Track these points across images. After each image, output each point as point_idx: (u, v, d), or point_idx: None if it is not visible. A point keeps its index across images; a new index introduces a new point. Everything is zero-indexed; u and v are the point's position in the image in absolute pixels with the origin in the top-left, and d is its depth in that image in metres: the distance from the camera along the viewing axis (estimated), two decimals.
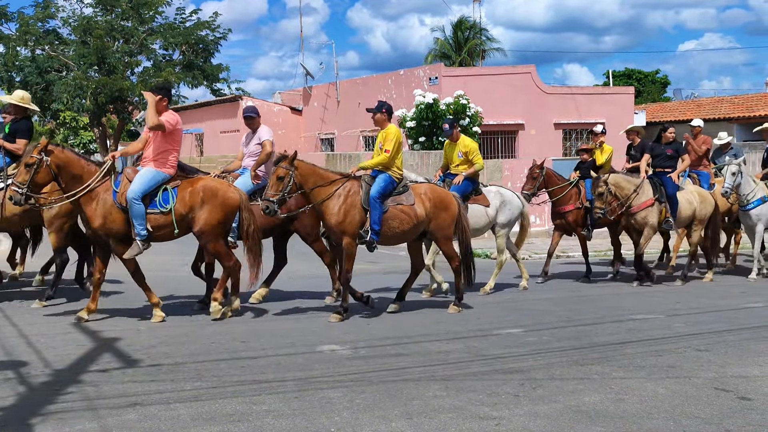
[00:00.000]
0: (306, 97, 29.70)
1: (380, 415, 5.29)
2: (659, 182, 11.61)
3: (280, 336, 7.78)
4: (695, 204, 11.78)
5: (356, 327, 8.25)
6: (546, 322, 8.63)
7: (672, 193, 11.51)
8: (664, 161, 11.85)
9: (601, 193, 11.10)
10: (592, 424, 5.16)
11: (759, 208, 12.03)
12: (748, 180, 12.03)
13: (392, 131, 9.12)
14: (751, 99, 28.37)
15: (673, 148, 11.87)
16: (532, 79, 23.90)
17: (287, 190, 8.40)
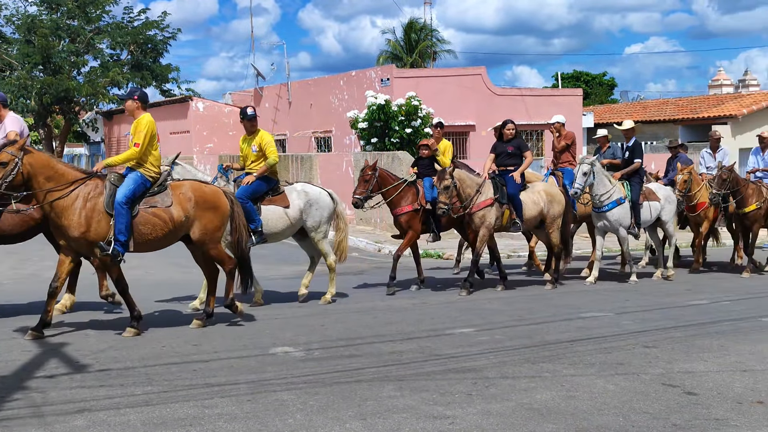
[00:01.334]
0: (257, 98, 29.49)
1: (334, 417, 5.28)
2: (501, 182, 10.89)
3: (233, 339, 7.71)
4: (542, 204, 11.12)
5: (310, 329, 8.22)
6: (498, 321, 8.70)
7: (513, 193, 10.79)
8: (506, 159, 11.11)
9: (447, 186, 10.34)
10: (543, 422, 5.22)
11: (616, 211, 11.51)
12: (603, 180, 11.50)
13: (144, 121, 7.94)
14: (694, 101, 29.07)
15: (514, 145, 11.12)
16: (483, 80, 24.14)
17: (9, 179, 7.16)
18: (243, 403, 5.55)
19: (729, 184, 12.28)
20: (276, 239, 9.77)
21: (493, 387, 6.01)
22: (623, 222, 11.63)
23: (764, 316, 9.01)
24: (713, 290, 11.11)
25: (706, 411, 5.45)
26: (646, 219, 12.02)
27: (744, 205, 12.53)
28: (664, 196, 12.28)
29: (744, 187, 12.51)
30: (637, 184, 11.80)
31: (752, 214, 12.57)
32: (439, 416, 5.30)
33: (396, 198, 10.93)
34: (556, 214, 11.28)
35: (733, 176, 12.35)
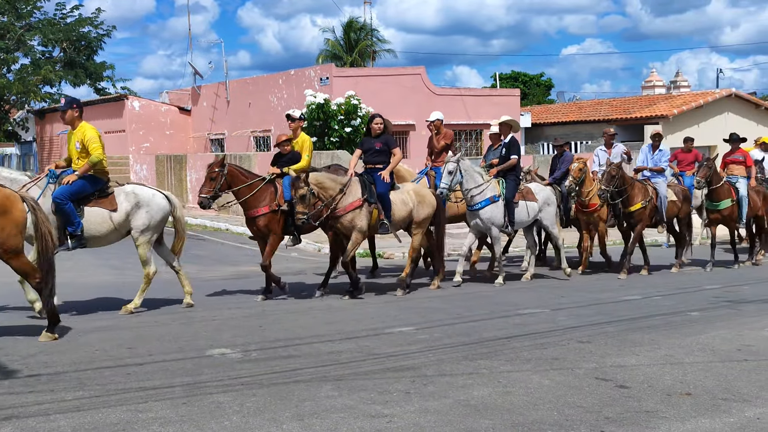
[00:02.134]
0: (195, 97, 29.09)
1: (271, 418, 5.23)
2: (369, 180, 10.15)
3: (168, 341, 7.58)
4: (411, 204, 10.45)
5: (247, 330, 8.13)
6: (437, 319, 8.76)
7: (382, 192, 10.10)
8: (374, 156, 10.38)
9: (303, 196, 9.42)
10: (480, 418, 5.27)
11: (489, 209, 11.08)
12: (473, 177, 11.05)
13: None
14: (628, 101, 29.76)
15: (382, 141, 10.36)
16: (422, 80, 24.28)
17: None
18: (178, 407, 5.46)
19: (617, 182, 12.02)
20: (98, 243, 9.09)
21: (431, 385, 6.04)
22: (495, 220, 11.18)
23: (693, 311, 9.28)
24: (645, 286, 11.39)
25: (637, 404, 5.59)
26: (522, 219, 11.57)
27: (629, 203, 12.33)
28: (543, 198, 11.84)
29: (630, 186, 12.33)
30: (512, 182, 11.36)
31: (637, 213, 12.39)
32: (377, 415, 5.31)
33: (251, 198, 10.06)
34: (424, 215, 10.64)
35: (621, 174, 12.10)
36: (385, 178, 10.16)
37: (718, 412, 5.39)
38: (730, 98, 27.06)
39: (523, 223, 11.71)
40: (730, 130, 15.41)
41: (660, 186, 12.67)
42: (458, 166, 10.85)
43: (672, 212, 12.94)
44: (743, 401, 5.64)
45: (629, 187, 12.28)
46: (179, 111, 29.51)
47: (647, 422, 5.19)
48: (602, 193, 11.95)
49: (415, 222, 10.61)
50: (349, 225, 9.91)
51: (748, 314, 9.06)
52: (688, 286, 11.37)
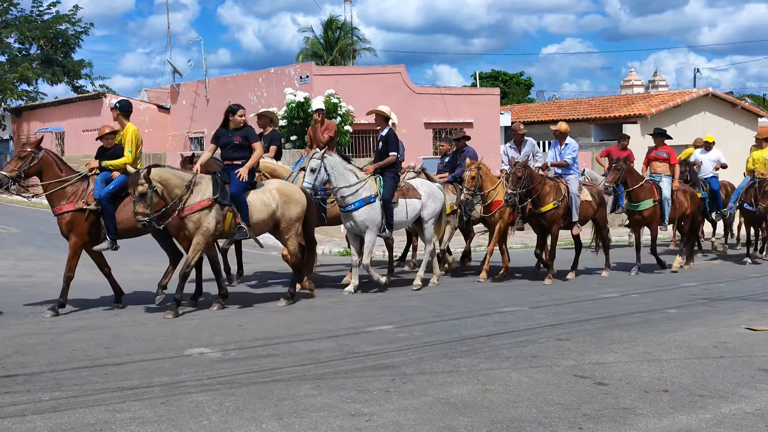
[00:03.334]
0: (174, 95, 28.92)
1: (250, 417, 5.21)
2: (224, 179, 9.13)
3: (147, 340, 7.53)
4: (274, 205, 9.35)
5: (227, 329, 8.10)
6: (417, 317, 8.77)
7: (236, 192, 9.02)
8: (233, 152, 9.35)
9: (142, 194, 8.50)
10: (459, 415, 5.29)
11: (364, 210, 10.12)
12: (344, 176, 10.10)
13: None
14: (606, 101, 29.95)
15: (242, 135, 9.37)
16: (402, 78, 24.29)
17: None
18: (156, 406, 5.43)
19: (524, 182, 11.12)
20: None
21: (411, 383, 6.05)
22: (371, 222, 10.18)
23: (671, 308, 9.36)
24: (623, 284, 11.47)
25: (615, 401, 5.63)
26: (401, 219, 10.59)
27: (540, 204, 11.41)
28: (427, 193, 10.88)
29: (540, 185, 11.37)
30: (390, 180, 10.41)
31: (549, 214, 11.46)
32: (357, 413, 5.31)
33: (57, 193, 9.03)
34: (293, 216, 9.49)
35: (528, 173, 11.23)
36: (243, 177, 9.10)
37: (695, 409, 5.44)
38: (707, 98, 27.30)
39: (403, 224, 10.86)
40: (707, 130, 15.64)
41: (571, 184, 11.77)
42: (322, 163, 9.86)
43: (587, 213, 12.07)
44: (719, 397, 5.70)
45: (539, 185, 11.35)
46: (158, 109, 29.32)
47: (625, 419, 5.23)
48: (509, 197, 11.06)
49: (281, 224, 9.49)
50: (193, 227, 8.88)
51: (725, 311, 9.15)
52: (665, 284, 11.47)
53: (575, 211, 11.74)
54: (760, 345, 7.37)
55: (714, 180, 15.36)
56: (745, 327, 8.18)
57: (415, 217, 10.78)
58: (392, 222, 10.44)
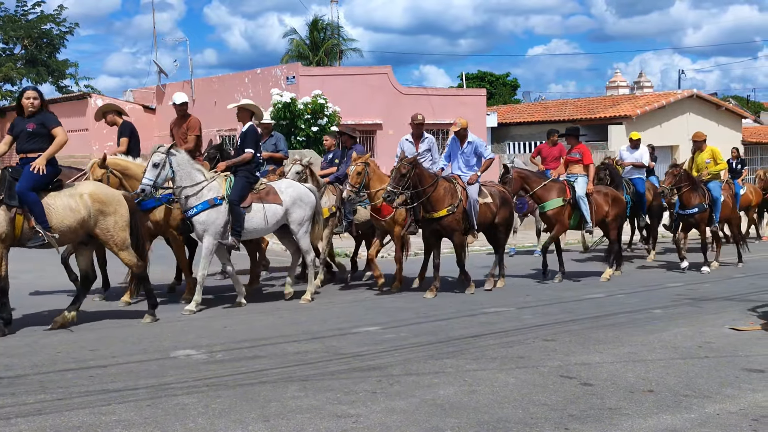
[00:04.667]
0: (159, 96, 28.79)
1: (236, 419, 5.20)
2: (14, 176, 7.75)
3: (132, 342, 7.49)
4: (84, 212, 7.97)
5: (213, 331, 8.08)
6: (403, 318, 8.77)
7: (22, 189, 7.64)
8: (27, 142, 7.92)
9: None
10: (446, 416, 5.30)
11: (205, 214, 9.02)
12: (190, 175, 9.05)
13: None
14: (592, 102, 30.09)
15: (37, 121, 7.93)
16: (389, 79, 24.29)
17: None
18: (142, 409, 5.41)
19: (408, 181, 9.72)
20: None
21: (398, 384, 6.05)
22: (210, 226, 9.04)
23: (656, 308, 9.41)
24: (609, 284, 11.51)
25: (600, 401, 5.65)
26: (256, 226, 9.39)
27: (433, 208, 10.04)
28: (292, 197, 9.64)
29: (433, 187, 9.98)
30: (242, 180, 9.31)
31: (445, 220, 10.10)
32: (343, 415, 5.30)
33: None
34: (109, 226, 8.15)
35: (417, 172, 9.83)
36: (39, 169, 7.69)
37: (680, 409, 5.48)
38: (692, 99, 27.48)
39: (260, 231, 9.61)
40: (691, 130, 15.57)
41: (471, 187, 10.45)
42: (168, 159, 8.88)
43: (486, 217, 10.66)
44: (704, 397, 5.74)
45: (431, 187, 9.97)
46: (144, 109, 29.17)
47: (610, 419, 5.26)
48: (387, 195, 9.60)
49: (99, 235, 8.18)
50: None
51: (710, 311, 9.21)
52: (651, 284, 11.53)
53: (474, 218, 10.37)
54: (744, 345, 7.43)
55: (639, 181, 14.31)
56: (730, 327, 8.24)
57: (276, 224, 9.62)
58: (241, 228, 9.19)
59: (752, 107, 47.50)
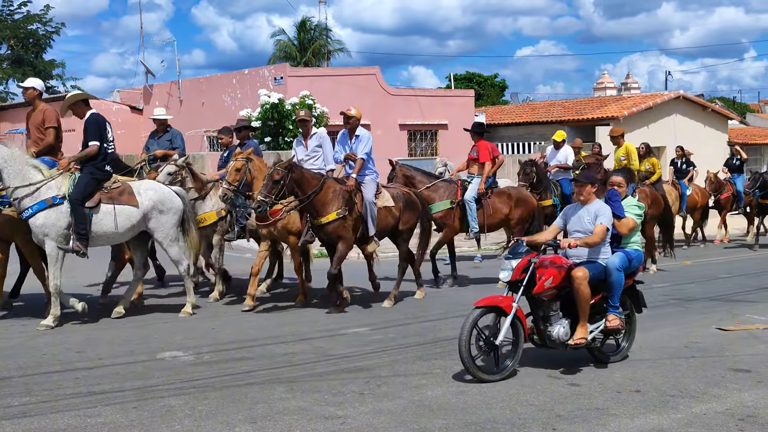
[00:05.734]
0: (147, 96, 28.67)
1: (223, 421, 5.18)
2: None
3: (119, 344, 7.45)
4: None
5: (200, 332, 8.04)
6: (392, 320, 8.76)
7: None
8: None
9: None
10: (434, 418, 5.29)
11: (42, 215, 8.08)
12: (24, 173, 8.12)
13: None
14: (580, 103, 30.16)
15: None
16: (377, 80, 24.30)
17: None
18: (128, 411, 5.37)
19: (284, 187, 8.57)
20: None
21: (385, 385, 6.04)
22: (52, 231, 8.11)
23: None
24: None
25: (588, 401, 5.66)
26: (106, 230, 8.41)
27: (318, 213, 8.92)
28: (152, 200, 8.68)
29: (317, 190, 8.83)
30: (86, 177, 8.39)
31: (331, 226, 8.97)
32: (331, 416, 5.29)
33: None
34: None
35: (296, 175, 8.69)
36: None
37: (666, 409, 5.50)
38: (679, 100, 27.58)
39: (111, 237, 8.58)
40: (678, 132, 15.60)
41: (366, 188, 9.26)
42: None
43: (387, 222, 9.53)
44: (690, 397, 5.76)
45: (316, 191, 8.84)
46: (131, 110, 29.05)
47: (597, 419, 5.27)
48: (258, 205, 8.50)
49: None
50: None
51: (696, 312, 9.25)
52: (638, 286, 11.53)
53: (371, 223, 9.23)
54: (730, 345, 7.46)
55: (567, 182, 13.54)
56: (716, 327, 8.27)
57: (132, 229, 8.63)
58: (86, 231, 8.22)
59: (738, 109, 47.78)
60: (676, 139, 22.45)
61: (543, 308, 6.49)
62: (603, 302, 6.75)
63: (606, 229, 6.65)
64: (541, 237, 7.11)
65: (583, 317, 6.48)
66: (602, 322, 6.68)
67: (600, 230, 6.61)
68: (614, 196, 7.06)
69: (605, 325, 6.68)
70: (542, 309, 6.49)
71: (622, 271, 6.67)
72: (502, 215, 11.34)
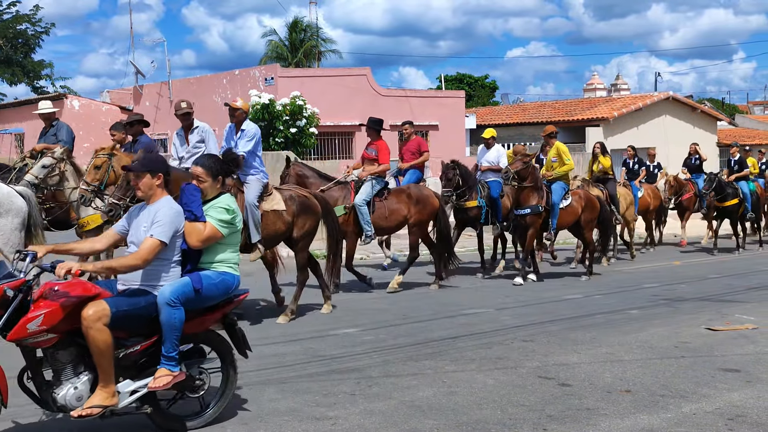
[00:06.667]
0: (137, 97, 28.59)
1: (213, 422, 5.15)
2: None
3: None
4: None
5: None
6: (383, 320, 8.76)
7: None
8: None
9: None
10: (425, 418, 5.29)
11: None
12: None
13: None
14: (570, 104, 30.26)
15: None
16: (368, 81, 24.29)
17: None
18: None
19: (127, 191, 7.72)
20: None
21: (376, 386, 6.04)
22: None
23: (633, 309, 9.46)
24: (587, 285, 11.57)
25: (578, 401, 5.67)
26: None
27: None
28: None
29: None
30: None
31: None
32: (322, 417, 5.28)
33: None
34: None
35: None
36: None
37: (656, 409, 5.51)
38: (668, 101, 27.70)
39: None
40: (668, 132, 15.60)
41: (249, 189, 8.49)
42: None
43: (277, 228, 8.59)
44: (680, 397, 5.78)
45: None
46: (120, 110, 28.94)
47: (588, 419, 5.28)
48: (110, 209, 7.87)
49: None
50: None
51: (686, 312, 9.28)
52: (628, 285, 11.60)
53: (254, 229, 8.38)
54: (719, 345, 7.49)
55: (495, 184, 12.33)
56: (705, 327, 8.31)
57: None
58: None
59: (727, 110, 48.01)
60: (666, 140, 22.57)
61: (49, 359, 4.65)
62: None
63: (159, 243, 4.80)
64: (81, 246, 5.29)
65: (103, 375, 4.64)
66: None
67: (148, 246, 4.78)
68: (190, 193, 5.19)
69: (150, 384, 4.82)
70: (48, 360, 4.66)
71: (178, 306, 4.78)
72: (400, 217, 10.64)
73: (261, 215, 8.46)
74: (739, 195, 16.16)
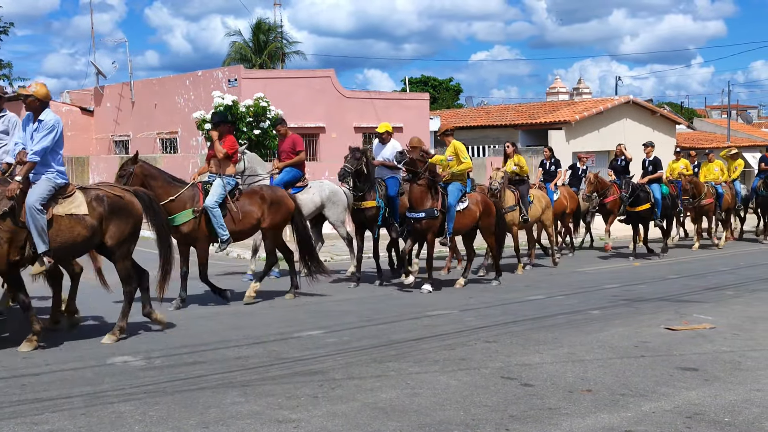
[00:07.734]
0: (98, 97, 28.21)
1: (175, 426, 5.10)
2: None
3: (67, 349, 7.29)
4: None
5: (151, 336, 7.91)
6: (347, 322, 8.74)
7: None
8: None
9: None
10: (388, 420, 5.29)
11: None
12: None
13: None
14: (533, 107, 30.54)
15: None
16: (332, 82, 24.27)
17: None
18: (76, 417, 5.26)
19: None
20: None
21: (339, 388, 6.02)
22: None
23: (594, 309, 9.57)
24: (550, 286, 11.68)
25: (540, 401, 5.72)
26: None
27: None
28: None
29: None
30: None
31: None
32: (284, 420, 5.25)
33: None
34: None
35: None
36: None
37: (617, 408, 5.58)
38: (629, 105, 28.11)
39: None
40: (628, 136, 15.72)
41: (33, 189, 7.25)
42: None
43: (76, 235, 7.41)
44: (640, 396, 5.86)
45: None
46: (81, 112, 28.56)
47: (550, 419, 5.32)
48: None
49: None
50: None
51: (645, 312, 9.41)
52: (589, 286, 11.73)
53: (37, 237, 7.15)
54: (678, 344, 7.61)
55: (393, 182, 11.67)
56: (665, 327, 8.43)
57: None
58: None
59: (686, 114, 48.86)
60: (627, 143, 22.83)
61: None
62: None
63: None
64: None
65: None
66: None
67: None
68: None
69: None
70: None
71: None
72: (253, 220, 9.92)
73: (52, 220, 7.20)
74: (651, 200, 15.14)
